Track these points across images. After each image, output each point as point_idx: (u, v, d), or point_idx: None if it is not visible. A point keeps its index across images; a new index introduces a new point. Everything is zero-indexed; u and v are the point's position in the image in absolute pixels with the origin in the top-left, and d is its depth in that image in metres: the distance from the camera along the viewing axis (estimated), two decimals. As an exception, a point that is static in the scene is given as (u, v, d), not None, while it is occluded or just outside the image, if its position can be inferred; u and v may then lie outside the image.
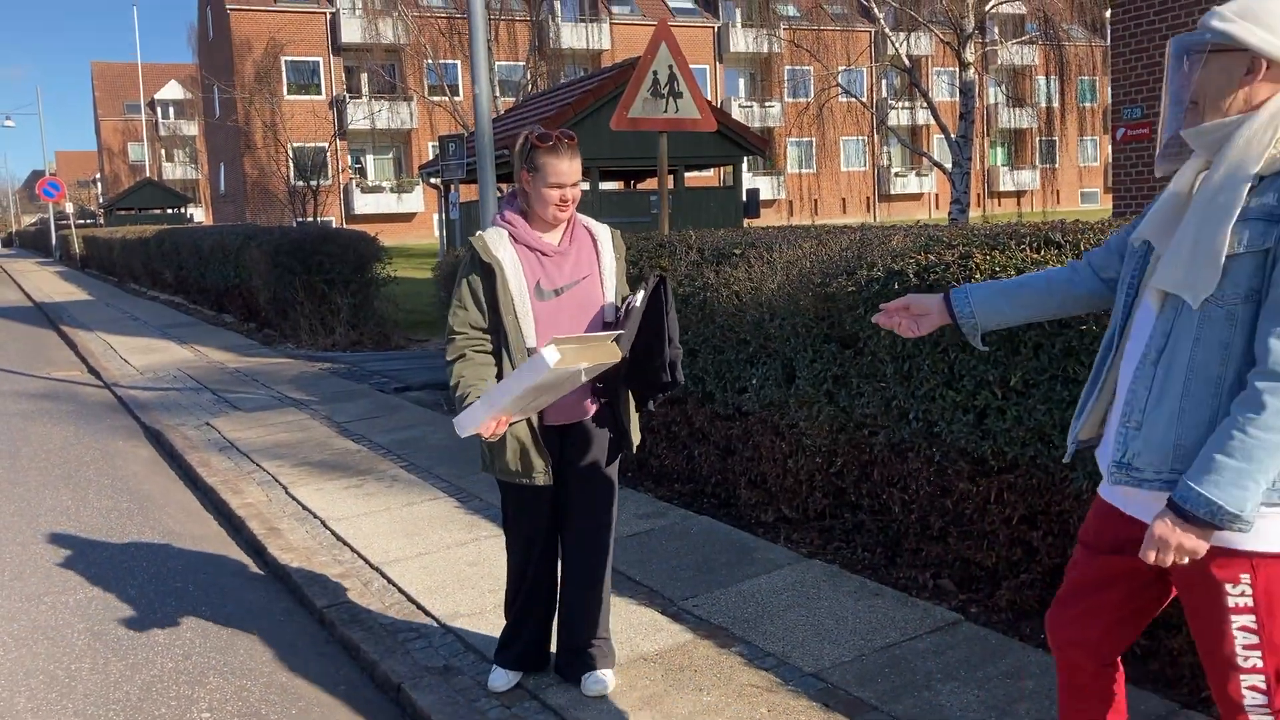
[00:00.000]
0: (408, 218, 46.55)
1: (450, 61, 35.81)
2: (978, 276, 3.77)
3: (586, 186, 14.98)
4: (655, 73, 6.24)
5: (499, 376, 3.33)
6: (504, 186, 23.32)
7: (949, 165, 25.13)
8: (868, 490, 4.52)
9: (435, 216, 46.62)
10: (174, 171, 69.36)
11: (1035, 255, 3.70)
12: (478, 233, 3.44)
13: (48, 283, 28.56)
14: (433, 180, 16.84)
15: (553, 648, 3.71)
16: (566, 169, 3.29)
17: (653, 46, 6.72)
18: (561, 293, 3.36)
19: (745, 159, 15.47)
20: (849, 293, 4.30)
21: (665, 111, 6.28)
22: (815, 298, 4.51)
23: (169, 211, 44.76)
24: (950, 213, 23.81)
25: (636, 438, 3.59)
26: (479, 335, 3.36)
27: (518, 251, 3.37)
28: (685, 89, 6.31)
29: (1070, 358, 3.46)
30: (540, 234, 3.40)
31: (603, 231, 3.54)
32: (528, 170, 3.33)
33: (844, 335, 4.43)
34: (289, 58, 44.23)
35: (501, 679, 3.63)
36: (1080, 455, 2.64)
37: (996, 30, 30.16)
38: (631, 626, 4.06)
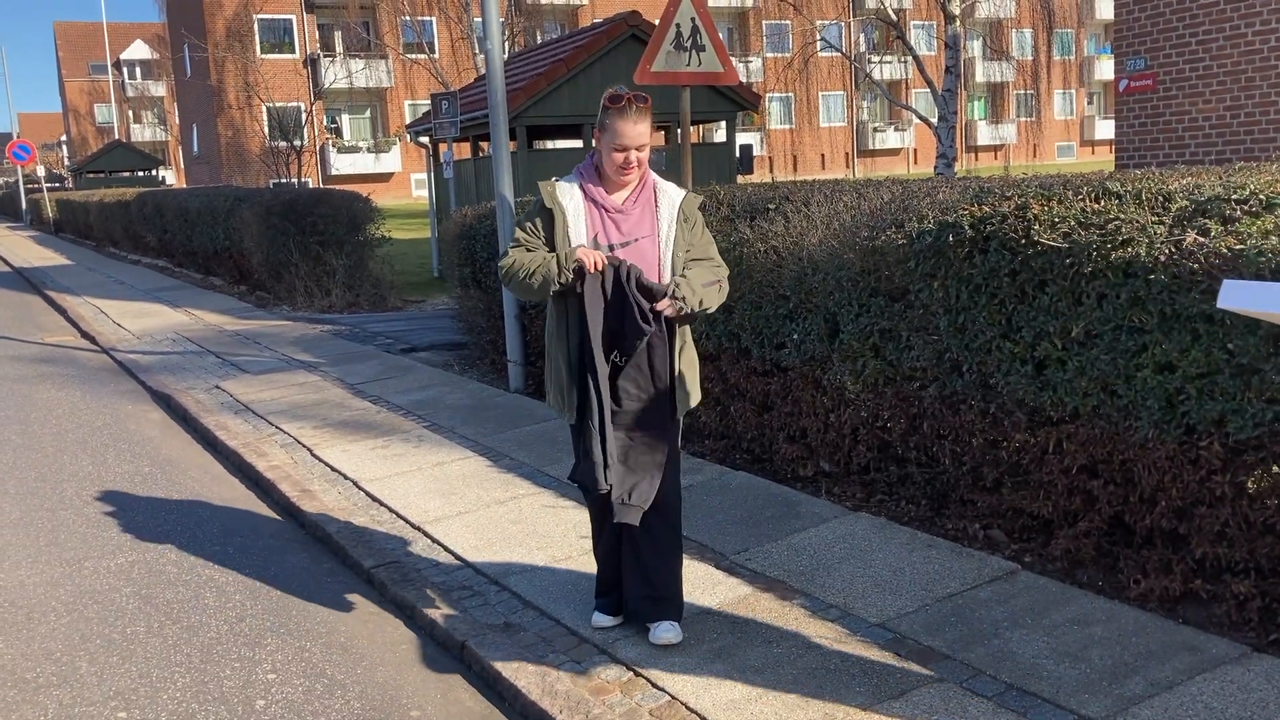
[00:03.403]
0: (385, 178, 46.00)
1: (427, 18, 35.24)
2: (1036, 228, 3.76)
3: (578, 145, 14.83)
4: (678, 25, 6.15)
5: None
6: (485, 146, 22.99)
7: (934, 120, 25.03)
8: (916, 443, 4.54)
9: (414, 177, 46.12)
10: (143, 133, 68.18)
11: (1095, 205, 3.69)
12: (552, 179, 3.49)
13: (23, 247, 28.10)
14: (421, 139, 16.62)
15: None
16: (631, 132, 3.33)
17: (674, -1, 6.61)
18: (614, 249, 3.41)
19: (739, 115, 15.33)
20: (899, 245, 4.28)
21: (689, 65, 6.20)
22: (862, 251, 4.49)
23: (140, 174, 44.02)
24: (936, 167, 23.68)
25: (696, 396, 3.58)
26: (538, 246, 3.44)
27: (585, 204, 3.44)
28: (708, 42, 6.23)
29: (1136, 307, 3.47)
30: (607, 191, 3.46)
31: (669, 197, 3.52)
32: (599, 129, 3.39)
33: (892, 288, 4.42)
34: (261, 16, 43.40)
35: (605, 617, 3.74)
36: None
37: (980, -17, 29.97)
38: (687, 580, 4.03)
